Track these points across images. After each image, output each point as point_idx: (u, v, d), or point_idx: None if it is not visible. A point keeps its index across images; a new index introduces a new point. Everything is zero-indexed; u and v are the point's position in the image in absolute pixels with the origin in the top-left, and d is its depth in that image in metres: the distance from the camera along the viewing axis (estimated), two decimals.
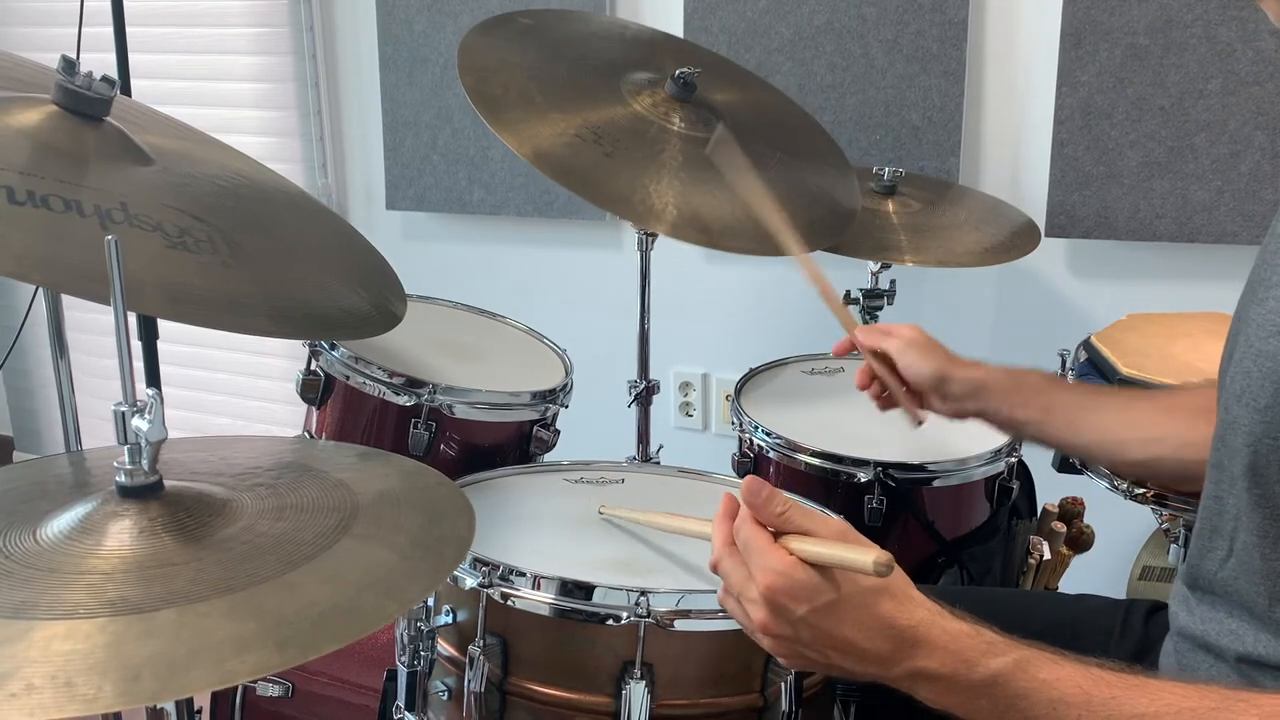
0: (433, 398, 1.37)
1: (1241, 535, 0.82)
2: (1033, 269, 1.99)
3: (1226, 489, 0.84)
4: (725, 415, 2.30)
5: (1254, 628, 0.82)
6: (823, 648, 0.76)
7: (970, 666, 0.74)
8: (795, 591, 0.75)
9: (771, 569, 0.76)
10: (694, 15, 2.09)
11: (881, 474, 1.35)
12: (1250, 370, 0.80)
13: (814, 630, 0.76)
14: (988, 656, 0.74)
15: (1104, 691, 0.72)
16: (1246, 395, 0.80)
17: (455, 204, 2.39)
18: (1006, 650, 0.74)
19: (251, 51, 2.51)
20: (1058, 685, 0.73)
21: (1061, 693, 0.72)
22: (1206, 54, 1.78)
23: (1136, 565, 1.92)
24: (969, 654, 0.74)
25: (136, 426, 0.79)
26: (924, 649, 0.75)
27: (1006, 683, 0.73)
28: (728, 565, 0.80)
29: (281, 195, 1.27)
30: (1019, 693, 0.73)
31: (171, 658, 0.67)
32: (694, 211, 1.43)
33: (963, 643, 0.75)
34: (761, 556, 0.77)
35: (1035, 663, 0.74)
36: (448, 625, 1.05)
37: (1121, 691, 0.72)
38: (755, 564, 0.77)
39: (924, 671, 0.75)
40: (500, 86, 1.48)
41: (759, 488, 0.79)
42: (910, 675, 0.75)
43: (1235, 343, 0.86)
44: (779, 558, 0.76)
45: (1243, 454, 0.80)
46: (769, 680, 0.99)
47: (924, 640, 0.75)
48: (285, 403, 2.64)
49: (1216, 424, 0.87)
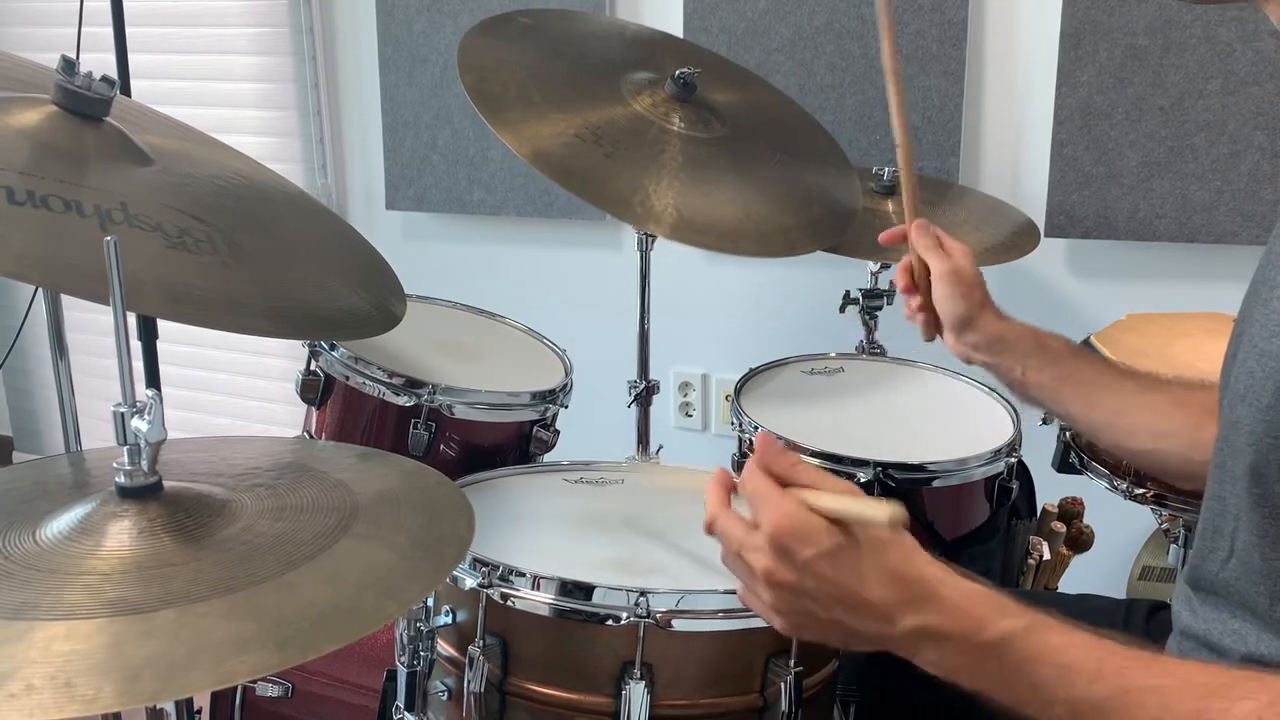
0: (432, 398, 1.37)
1: (1242, 535, 0.82)
2: (1032, 269, 1.99)
3: (1229, 489, 0.84)
4: (725, 415, 2.30)
5: (1256, 627, 0.82)
6: (826, 599, 0.74)
7: (980, 626, 0.72)
8: (803, 533, 0.73)
9: (780, 511, 0.74)
10: (694, 15, 2.09)
11: (881, 474, 1.34)
12: (1254, 370, 0.80)
13: (819, 578, 0.74)
14: (1000, 617, 0.72)
15: (1116, 662, 0.71)
16: (1249, 395, 0.80)
17: (455, 204, 2.39)
18: (1019, 613, 0.73)
19: (251, 52, 2.51)
20: (1069, 651, 0.71)
21: (1072, 658, 0.71)
22: (1206, 54, 1.78)
23: (1136, 565, 1.92)
24: (980, 612, 0.73)
25: (136, 427, 0.79)
26: (933, 604, 0.73)
27: (1016, 645, 0.72)
28: (725, 522, 0.79)
29: (281, 195, 1.27)
30: (1029, 656, 0.72)
31: (171, 658, 0.67)
32: (693, 213, 1.43)
33: (975, 600, 0.73)
34: (770, 500, 0.75)
35: (1048, 627, 0.72)
36: (447, 625, 1.05)
37: (1133, 664, 0.71)
38: (763, 509, 0.76)
39: (931, 629, 0.73)
40: (500, 86, 1.47)
41: (770, 440, 0.78)
42: (916, 632, 0.74)
43: (1238, 342, 0.86)
44: (789, 502, 0.75)
45: (1245, 453, 0.80)
46: (769, 680, 0.99)
47: (934, 595, 0.73)
48: (285, 403, 2.64)
49: (1220, 424, 0.87)
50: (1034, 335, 1.16)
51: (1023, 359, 1.15)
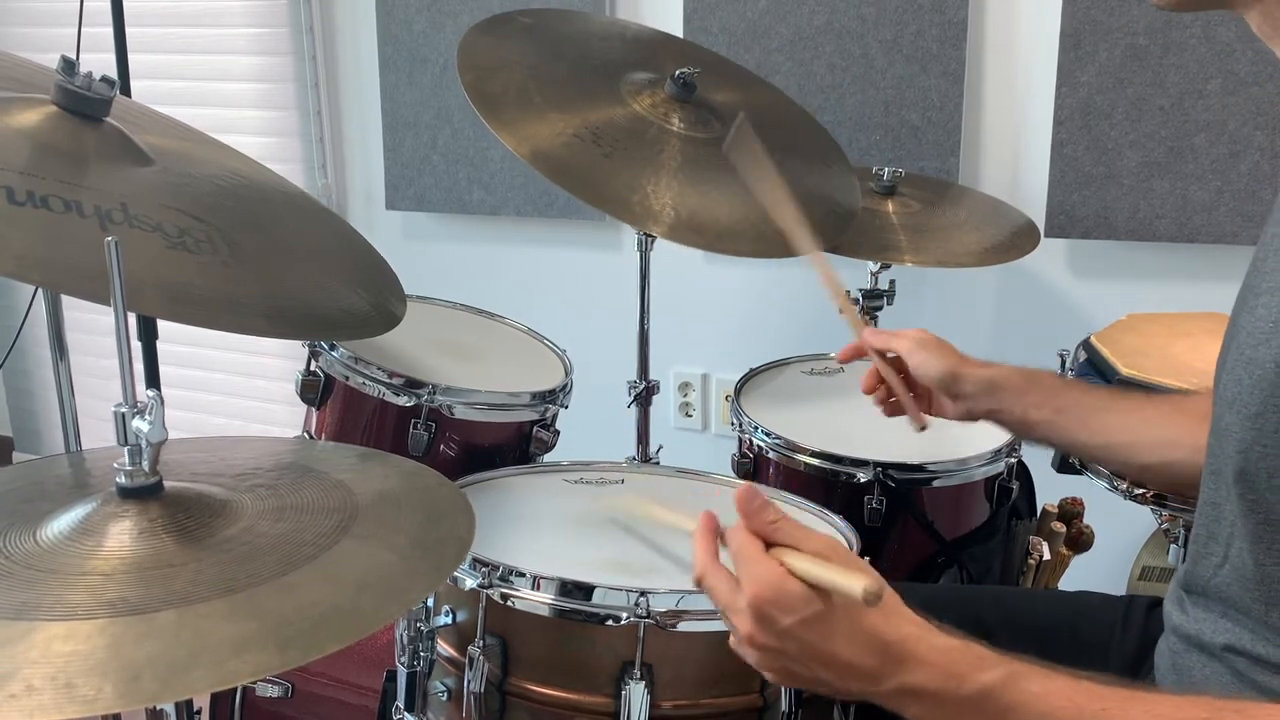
0: (432, 398, 1.37)
1: (1237, 541, 0.82)
2: (1032, 269, 1.99)
3: (1224, 495, 0.84)
4: (725, 415, 2.30)
5: (1250, 630, 0.82)
6: (809, 661, 0.75)
7: (960, 681, 0.73)
8: (783, 602, 0.74)
9: (760, 579, 0.75)
10: (694, 15, 2.09)
11: (881, 474, 1.35)
12: (1241, 377, 0.80)
13: (800, 643, 0.75)
14: (977, 671, 0.73)
15: (1095, 704, 0.71)
16: (1237, 402, 0.80)
17: (455, 204, 2.39)
18: (996, 664, 0.74)
19: (251, 52, 2.51)
20: (1048, 698, 0.72)
21: (1052, 706, 0.72)
22: (1206, 54, 1.78)
23: (1136, 565, 1.92)
24: (958, 668, 0.74)
25: (137, 427, 0.79)
26: (912, 664, 0.74)
27: (997, 697, 0.73)
28: (712, 580, 0.80)
29: (281, 195, 1.27)
30: (1009, 706, 0.72)
31: (171, 659, 0.67)
32: (692, 213, 1.43)
33: (952, 657, 0.74)
34: (751, 565, 0.76)
35: (1025, 676, 0.73)
36: (447, 625, 1.05)
37: (1113, 704, 0.71)
38: (744, 572, 0.77)
39: (912, 688, 0.74)
40: (499, 86, 1.47)
41: (752, 496, 0.78)
42: (899, 692, 0.75)
43: (1228, 349, 0.86)
44: (769, 568, 0.75)
45: (1234, 460, 0.80)
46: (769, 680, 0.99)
47: (912, 655, 0.74)
48: (285, 403, 2.64)
49: (1210, 431, 0.87)
50: (1023, 373, 1.17)
51: (1020, 398, 1.15)
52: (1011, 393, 1.15)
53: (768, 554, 0.77)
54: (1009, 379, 1.16)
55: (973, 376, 1.16)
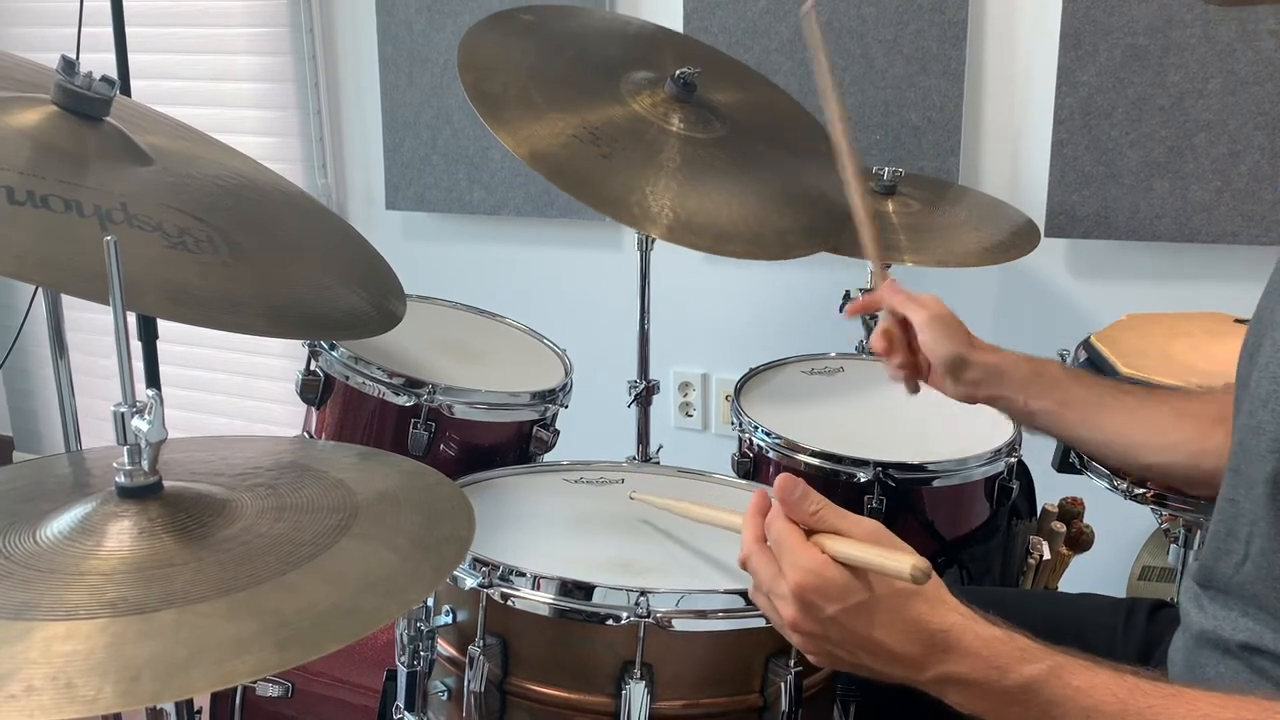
0: (432, 398, 1.37)
1: (1258, 540, 0.81)
2: (1033, 269, 1.99)
3: (1244, 493, 0.83)
4: (725, 415, 2.30)
5: (1271, 628, 0.81)
6: (852, 648, 0.75)
7: (1003, 673, 0.73)
8: (826, 590, 0.74)
9: (802, 566, 0.75)
10: (694, 15, 2.09)
11: (881, 474, 1.34)
12: (1276, 374, 0.79)
13: (844, 630, 0.75)
14: (1021, 663, 0.73)
15: (1139, 700, 0.71)
16: (1274, 400, 0.78)
17: (455, 204, 2.39)
18: (1040, 657, 0.73)
19: (251, 51, 2.51)
20: (1092, 693, 0.72)
21: (1096, 701, 0.71)
22: (1206, 54, 1.78)
23: (1136, 565, 1.92)
24: (1002, 660, 0.73)
25: (136, 427, 0.79)
26: (956, 654, 0.74)
27: (1039, 690, 0.72)
28: (757, 561, 0.79)
29: (281, 195, 1.27)
30: (1052, 700, 0.72)
31: (171, 658, 0.67)
32: (690, 215, 1.43)
33: (996, 648, 0.74)
34: (793, 554, 0.76)
35: (1069, 670, 0.73)
36: (448, 625, 1.05)
37: (1158, 701, 0.71)
38: (786, 561, 0.76)
39: (955, 676, 0.74)
40: (499, 85, 1.47)
41: (793, 485, 0.78)
42: (941, 680, 0.74)
43: (1259, 344, 0.84)
44: (810, 555, 0.75)
45: (1267, 460, 0.78)
46: (769, 680, 0.99)
47: (956, 645, 0.74)
48: (285, 403, 2.64)
49: (1235, 428, 0.86)
50: (1029, 362, 1.16)
51: (1023, 387, 1.15)
52: (1015, 382, 1.15)
53: (809, 541, 0.76)
54: (1014, 368, 1.15)
55: (979, 363, 1.15)
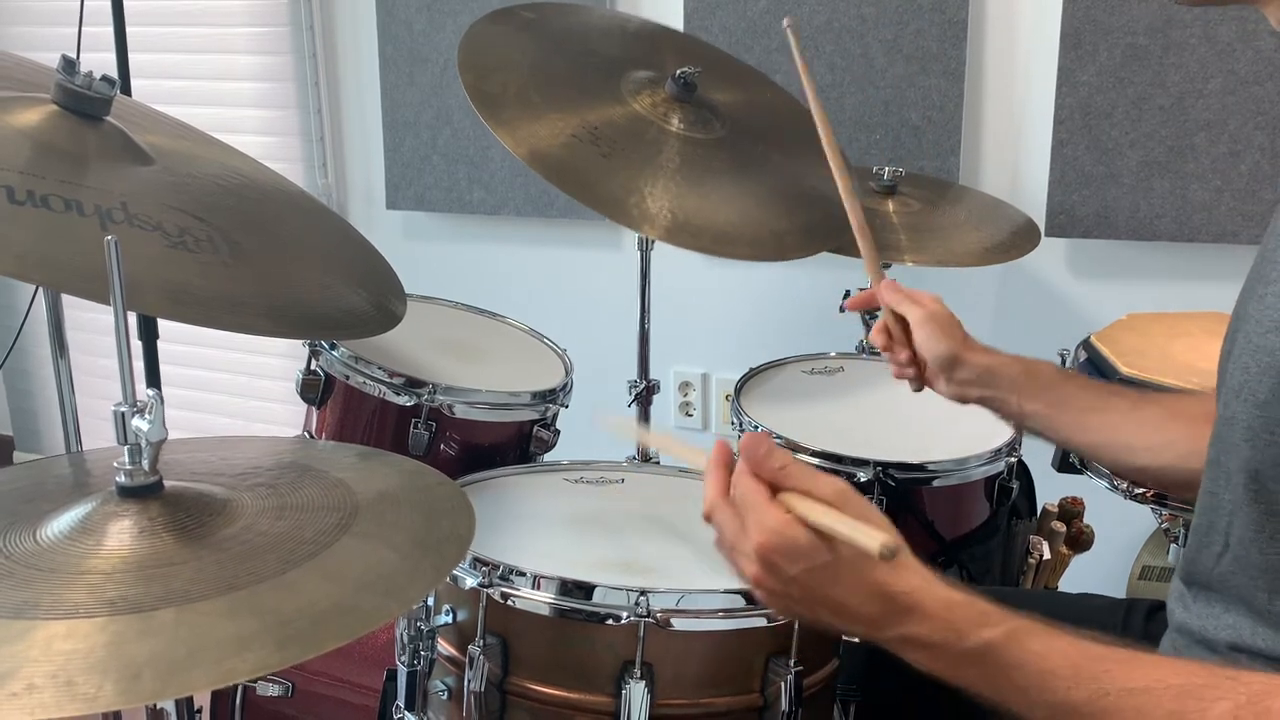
0: (433, 398, 1.37)
1: (1237, 530, 0.82)
2: (1033, 269, 1.99)
3: (1223, 485, 0.84)
4: (725, 415, 2.30)
5: (1251, 621, 0.82)
6: (813, 605, 0.76)
7: (961, 636, 0.73)
8: (790, 551, 0.74)
9: (767, 527, 0.75)
10: (694, 15, 2.09)
11: (881, 474, 1.34)
12: (1249, 365, 0.80)
13: (806, 589, 0.75)
14: (980, 626, 0.74)
15: (1094, 665, 0.72)
16: (1245, 390, 0.80)
17: (455, 204, 2.39)
18: (999, 621, 0.74)
19: (251, 51, 2.51)
20: (1049, 657, 0.72)
21: (1052, 665, 0.72)
22: (1206, 54, 1.78)
23: (1136, 565, 1.92)
24: (961, 623, 0.74)
25: (136, 427, 0.79)
26: (916, 616, 0.74)
27: (997, 653, 0.73)
28: (721, 516, 0.79)
29: (281, 195, 1.27)
30: (1010, 663, 0.73)
31: (172, 657, 0.67)
32: (689, 216, 1.43)
33: (955, 612, 0.74)
34: (757, 512, 0.75)
35: (1027, 633, 0.73)
36: (448, 625, 1.05)
37: (1113, 665, 0.72)
38: (751, 519, 0.76)
39: (914, 638, 0.74)
40: (499, 85, 1.47)
41: (758, 442, 0.77)
42: (900, 640, 0.75)
43: (1234, 339, 0.86)
44: (775, 515, 0.75)
45: (1240, 449, 0.80)
46: (769, 680, 0.99)
47: (916, 607, 0.74)
48: (285, 403, 2.64)
49: (1215, 420, 0.87)
50: (1022, 364, 1.16)
51: (1015, 389, 1.15)
52: (1007, 383, 1.15)
53: (775, 500, 0.76)
54: (1006, 369, 1.16)
55: (971, 363, 1.16)
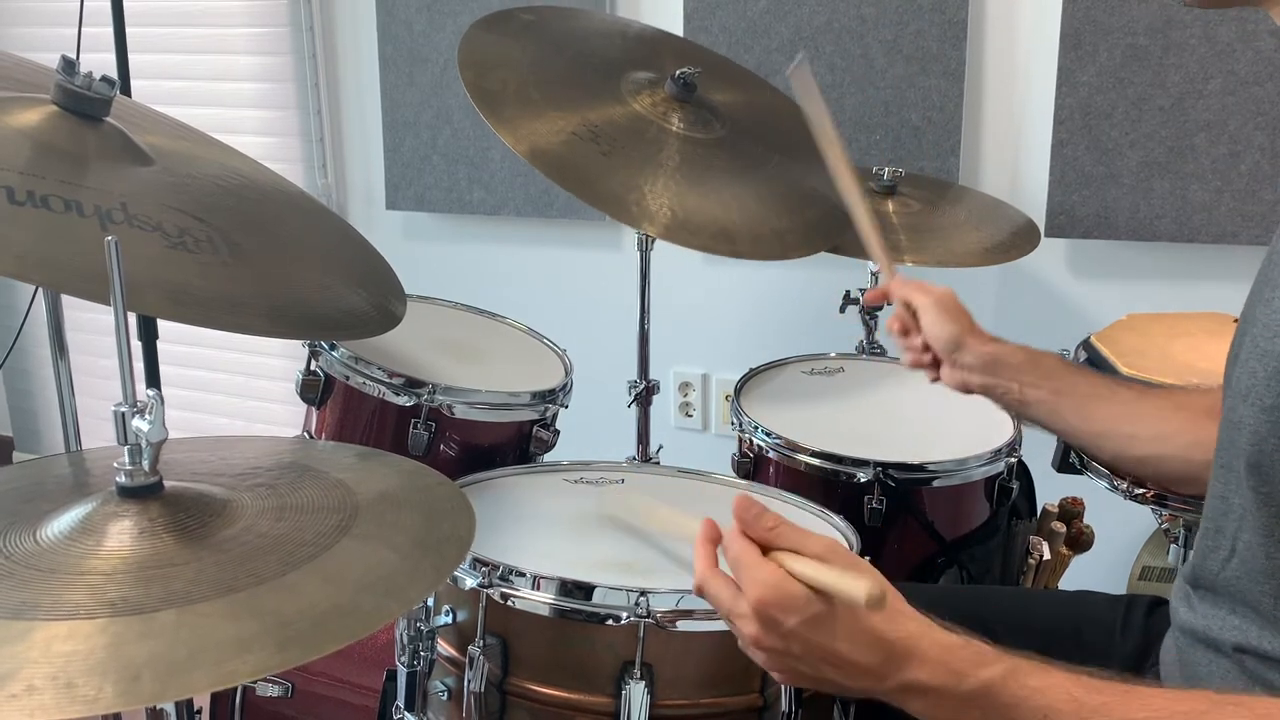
0: (433, 398, 1.37)
1: (1245, 535, 0.82)
2: (1033, 269, 1.99)
3: (1233, 489, 0.84)
4: (725, 415, 2.30)
5: (1258, 625, 0.82)
6: (814, 660, 0.77)
7: (960, 678, 0.74)
8: (785, 604, 0.75)
9: (761, 581, 0.76)
10: (694, 15, 2.09)
11: (881, 474, 1.35)
12: (1255, 370, 0.80)
13: (805, 643, 0.76)
14: (978, 667, 0.74)
15: (1094, 699, 0.72)
16: (1252, 394, 0.80)
17: (455, 204, 2.39)
18: (996, 660, 0.75)
19: (251, 51, 2.51)
20: (1048, 693, 0.73)
21: (1051, 700, 0.73)
22: (1206, 54, 1.78)
23: (1136, 565, 1.92)
24: (959, 665, 0.75)
25: (137, 427, 0.79)
26: (914, 661, 0.75)
27: (997, 693, 0.74)
28: (713, 586, 0.81)
29: (281, 195, 1.27)
30: (1009, 702, 0.73)
31: (172, 658, 0.67)
32: (688, 214, 1.43)
33: (953, 654, 0.75)
34: (750, 570, 0.77)
35: (1025, 671, 0.74)
36: (448, 625, 1.05)
37: (1111, 698, 0.72)
38: (745, 577, 0.77)
39: (915, 684, 0.75)
40: (499, 83, 1.47)
41: (749, 504, 0.80)
42: (902, 688, 0.76)
43: (1241, 343, 0.86)
44: (768, 570, 0.76)
45: (1247, 453, 0.80)
46: (769, 680, 0.99)
47: (914, 652, 0.75)
48: (285, 403, 2.64)
49: (1221, 424, 0.87)
50: (1026, 353, 1.17)
51: (1018, 377, 1.16)
52: (1010, 371, 1.16)
53: (766, 558, 0.78)
54: (1010, 358, 1.16)
55: (975, 348, 1.17)
